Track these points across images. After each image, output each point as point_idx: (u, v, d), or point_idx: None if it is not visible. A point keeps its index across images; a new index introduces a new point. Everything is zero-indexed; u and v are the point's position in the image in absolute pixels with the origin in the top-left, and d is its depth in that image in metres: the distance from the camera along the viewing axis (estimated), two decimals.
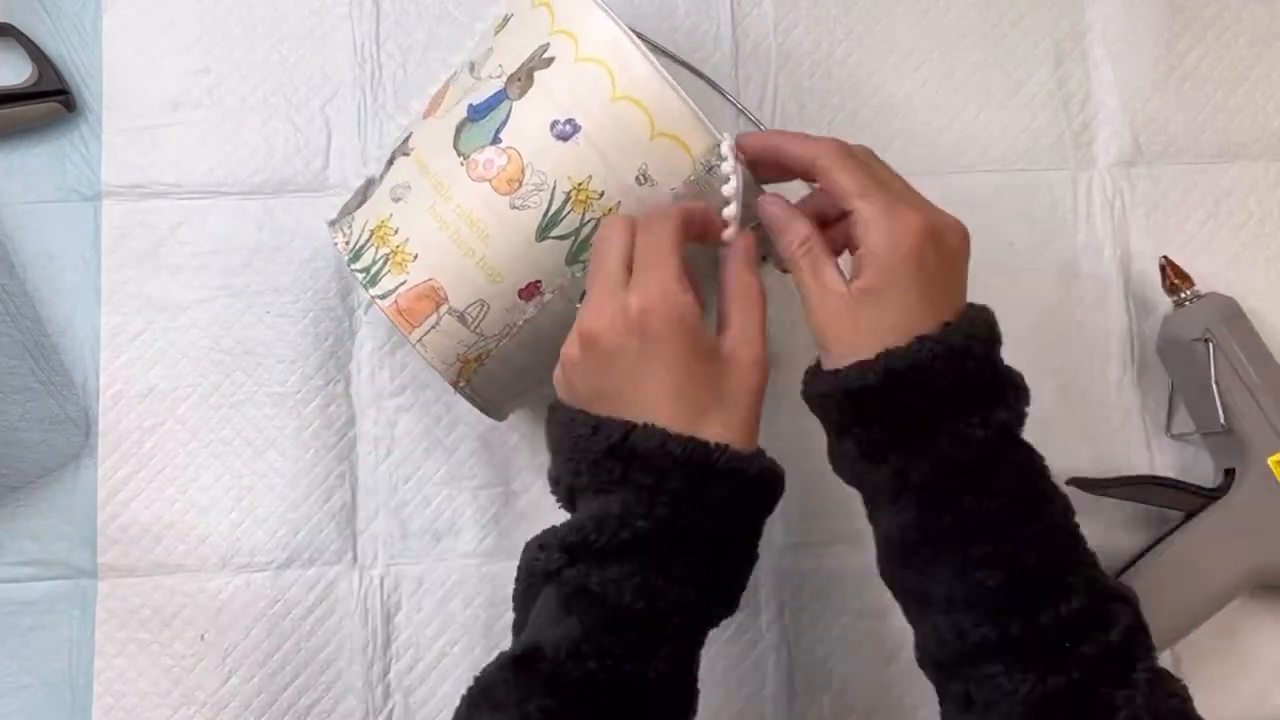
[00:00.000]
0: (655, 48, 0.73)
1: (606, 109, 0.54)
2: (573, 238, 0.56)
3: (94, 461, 0.69)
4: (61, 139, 0.73)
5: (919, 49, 0.76)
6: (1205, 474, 0.71)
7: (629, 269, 0.52)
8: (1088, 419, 0.72)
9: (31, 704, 0.67)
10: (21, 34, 0.72)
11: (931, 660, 0.52)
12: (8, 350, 0.69)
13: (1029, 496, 0.51)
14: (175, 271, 0.72)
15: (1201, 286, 0.70)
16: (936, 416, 0.50)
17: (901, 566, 0.52)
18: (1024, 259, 0.74)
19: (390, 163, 0.61)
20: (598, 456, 0.50)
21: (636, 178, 0.55)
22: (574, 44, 0.55)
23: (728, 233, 0.55)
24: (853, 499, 0.70)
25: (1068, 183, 0.75)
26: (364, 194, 0.62)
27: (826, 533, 0.70)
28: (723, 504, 0.50)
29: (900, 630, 0.69)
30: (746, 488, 0.50)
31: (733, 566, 0.52)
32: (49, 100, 0.71)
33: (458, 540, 0.69)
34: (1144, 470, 0.71)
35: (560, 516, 0.70)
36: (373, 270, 0.58)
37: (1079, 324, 0.73)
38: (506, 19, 0.60)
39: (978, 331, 0.51)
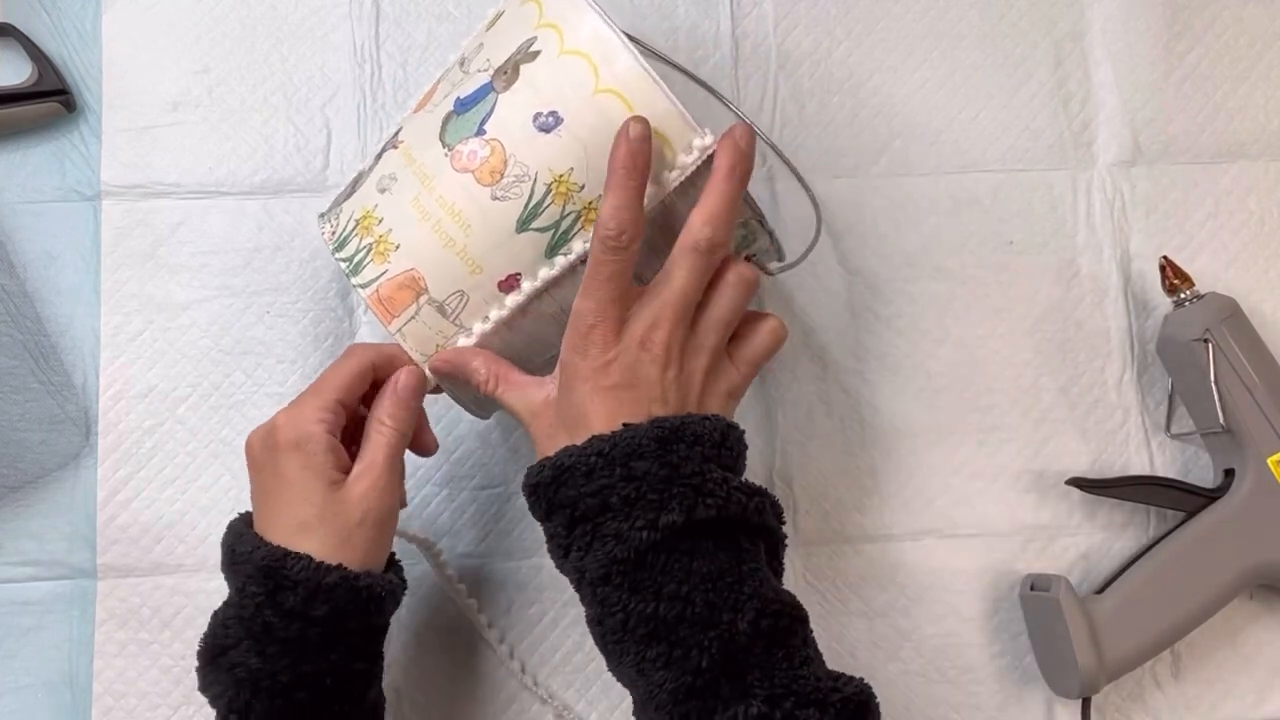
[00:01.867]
0: (654, 54, 0.73)
1: (589, 102, 0.54)
2: (553, 230, 0.56)
3: (94, 462, 0.69)
4: (61, 139, 0.73)
5: (919, 49, 0.76)
6: (1205, 474, 0.71)
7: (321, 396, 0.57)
8: (1088, 419, 0.72)
9: (31, 704, 0.67)
10: (21, 34, 0.72)
11: None
12: (7, 350, 0.69)
13: (707, 604, 0.50)
14: (175, 271, 0.72)
15: (1201, 286, 0.70)
16: (604, 514, 0.51)
17: (605, 657, 0.53)
18: (1024, 259, 0.74)
19: (379, 156, 0.61)
20: (226, 554, 0.56)
21: None
22: (559, 37, 0.55)
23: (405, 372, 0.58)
24: (853, 499, 0.71)
25: (1068, 183, 0.75)
26: (354, 185, 0.62)
27: (826, 533, 0.70)
28: (298, 611, 0.53)
29: (900, 630, 0.69)
30: (321, 597, 0.53)
31: (325, 675, 0.54)
32: (49, 100, 0.71)
33: (458, 540, 0.69)
34: (1144, 470, 0.71)
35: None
36: (356, 259, 0.58)
37: (1079, 324, 0.73)
38: (498, 16, 0.60)
39: (653, 434, 0.51)
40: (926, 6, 0.77)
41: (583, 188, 0.56)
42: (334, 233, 0.60)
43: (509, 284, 0.58)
